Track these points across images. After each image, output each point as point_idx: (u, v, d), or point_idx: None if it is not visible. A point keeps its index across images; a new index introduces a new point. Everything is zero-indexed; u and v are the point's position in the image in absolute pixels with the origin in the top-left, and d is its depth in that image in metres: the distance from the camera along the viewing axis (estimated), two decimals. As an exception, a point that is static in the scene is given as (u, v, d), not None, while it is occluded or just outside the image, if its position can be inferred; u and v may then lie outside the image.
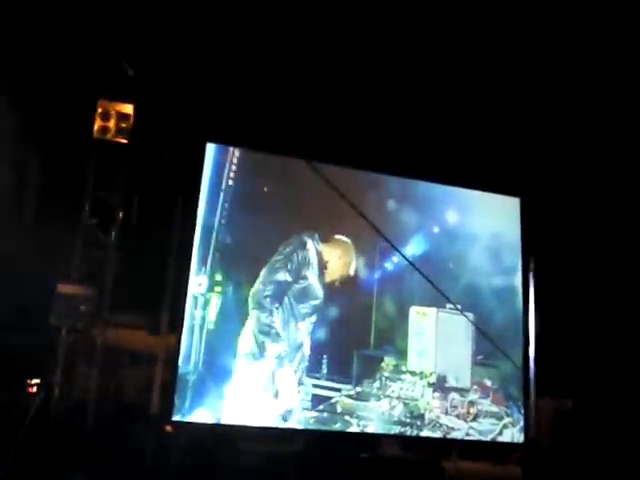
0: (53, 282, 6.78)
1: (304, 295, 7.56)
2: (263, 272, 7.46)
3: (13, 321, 6.82)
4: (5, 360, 6.67)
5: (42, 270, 6.78)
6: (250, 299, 7.39)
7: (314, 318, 7.61)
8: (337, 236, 7.87)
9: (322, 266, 7.69)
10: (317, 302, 7.62)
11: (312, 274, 7.62)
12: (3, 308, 6.73)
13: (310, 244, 7.65)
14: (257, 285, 7.43)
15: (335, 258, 7.79)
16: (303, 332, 7.53)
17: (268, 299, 7.39)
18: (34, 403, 6.55)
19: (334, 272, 7.77)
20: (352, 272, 7.87)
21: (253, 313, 7.37)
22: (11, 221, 7.02)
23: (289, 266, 7.52)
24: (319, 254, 7.70)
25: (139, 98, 7.04)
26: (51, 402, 6.61)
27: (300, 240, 7.66)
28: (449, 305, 7.92)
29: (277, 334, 7.36)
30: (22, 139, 7.00)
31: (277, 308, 7.42)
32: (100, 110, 6.93)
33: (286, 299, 7.47)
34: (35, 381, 6.96)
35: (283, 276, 7.49)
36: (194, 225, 7.41)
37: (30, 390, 6.95)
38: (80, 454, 6.43)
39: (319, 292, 7.63)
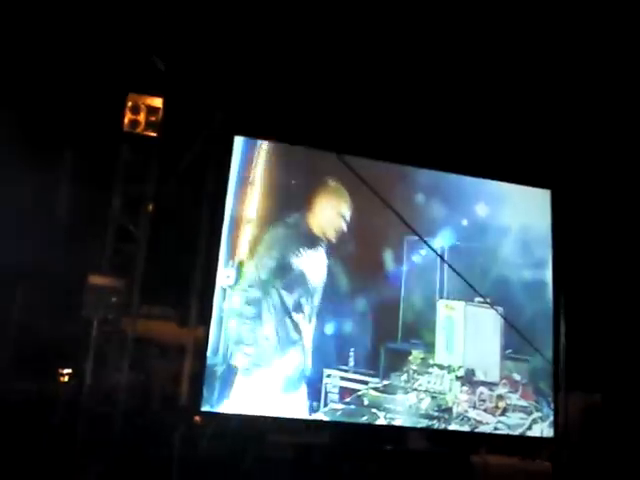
0: (85, 274, 6.87)
1: (295, 284, 7.52)
2: (245, 273, 7.43)
3: (46, 312, 6.96)
4: (38, 350, 6.82)
5: (74, 262, 6.89)
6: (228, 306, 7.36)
7: (317, 301, 7.57)
8: (329, 181, 7.82)
9: (311, 240, 7.62)
10: (314, 284, 7.56)
11: (300, 258, 7.58)
12: (36, 299, 6.88)
13: (293, 227, 7.62)
14: (238, 292, 7.37)
15: (324, 209, 7.76)
16: (302, 324, 7.49)
17: (251, 306, 7.38)
18: (65, 392, 6.67)
19: (325, 222, 7.74)
20: (347, 217, 7.79)
21: (233, 322, 7.33)
22: (43, 214, 7.15)
23: (270, 263, 7.50)
24: (307, 229, 7.66)
25: (168, 92, 7.08)
26: (82, 392, 6.71)
27: (281, 226, 7.62)
28: (478, 298, 7.84)
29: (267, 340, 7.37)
30: (54, 133, 7.11)
31: (256, 317, 7.37)
32: (130, 104, 6.98)
33: (275, 295, 7.44)
34: (67, 371, 7.09)
35: (265, 274, 7.46)
36: (222, 218, 7.46)
37: (62, 380, 7.09)
38: (110, 443, 6.55)
39: (313, 274, 7.57)
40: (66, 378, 7.11)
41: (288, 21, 6.90)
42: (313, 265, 7.61)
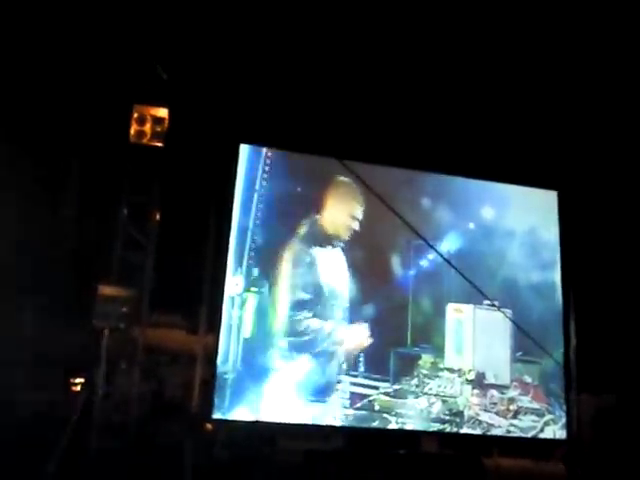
0: (94, 284, 6.92)
1: (332, 297, 7.59)
2: (285, 292, 7.51)
3: (56, 323, 7.02)
4: (49, 361, 6.87)
5: (83, 272, 6.95)
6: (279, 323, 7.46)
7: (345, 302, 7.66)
8: (339, 178, 7.80)
9: (328, 241, 7.68)
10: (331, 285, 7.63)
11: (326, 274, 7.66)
12: (46, 310, 6.93)
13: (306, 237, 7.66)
14: (283, 310, 7.47)
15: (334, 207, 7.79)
16: (341, 330, 7.56)
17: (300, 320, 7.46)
18: (78, 402, 6.71)
19: (335, 222, 7.78)
20: (359, 216, 7.79)
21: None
22: (51, 225, 7.22)
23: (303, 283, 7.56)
24: (322, 232, 7.70)
25: (173, 102, 7.15)
26: (94, 401, 6.75)
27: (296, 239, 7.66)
28: (486, 301, 7.82)
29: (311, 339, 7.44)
30: (60, 144, 7.19)
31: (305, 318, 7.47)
32: (136, 115, 7.06)
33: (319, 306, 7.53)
34: (78, 381, 7.13)
35: (302, 295, 7.52)
36: (229, 226, 7.50)
37: (74, 389, 7.13)
38: (122, 452, 6.57)
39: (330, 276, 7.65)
40: (78, 388, 7.15)
41: (291, 29, 6.96)
42: (330, 267, 7.67)
